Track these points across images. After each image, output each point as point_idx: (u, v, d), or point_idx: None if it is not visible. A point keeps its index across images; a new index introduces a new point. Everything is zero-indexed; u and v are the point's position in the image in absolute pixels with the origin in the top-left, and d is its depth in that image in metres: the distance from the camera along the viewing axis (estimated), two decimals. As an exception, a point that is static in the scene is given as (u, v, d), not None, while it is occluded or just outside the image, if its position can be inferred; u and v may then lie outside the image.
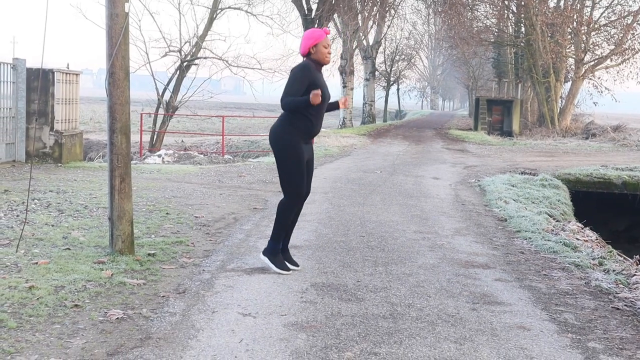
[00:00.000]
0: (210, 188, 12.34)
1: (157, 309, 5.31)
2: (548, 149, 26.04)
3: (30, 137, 14.79)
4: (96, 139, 26.81)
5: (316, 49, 6.55)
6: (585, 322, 5.45)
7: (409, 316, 5.40)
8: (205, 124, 43.34)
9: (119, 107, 6.87)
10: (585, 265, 7.42)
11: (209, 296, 5.72)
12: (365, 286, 6.23)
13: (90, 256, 6.76)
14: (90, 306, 5.27)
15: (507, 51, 42.92)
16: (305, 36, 6.63)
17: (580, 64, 35.60)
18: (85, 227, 8.25)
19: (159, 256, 6.97)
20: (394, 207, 10.93)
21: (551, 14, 34.44)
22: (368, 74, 44.05)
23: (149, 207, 9.92)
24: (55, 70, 15.28)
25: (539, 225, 9.60)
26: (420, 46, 66.81)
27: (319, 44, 6.52)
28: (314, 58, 6.57)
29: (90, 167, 15.09)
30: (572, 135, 33.37)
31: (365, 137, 29.75)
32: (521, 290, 6.33)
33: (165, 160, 19.75)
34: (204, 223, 9.00)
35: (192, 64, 25.22)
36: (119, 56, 6.84)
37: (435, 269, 7.01)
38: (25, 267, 6.26)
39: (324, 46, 6.54)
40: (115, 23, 6.84)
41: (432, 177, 15.27)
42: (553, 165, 18.51)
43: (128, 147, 6.95)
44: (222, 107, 49.58)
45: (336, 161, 18.78)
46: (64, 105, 15.62)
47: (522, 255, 7.89)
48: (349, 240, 8.25)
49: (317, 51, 6.56)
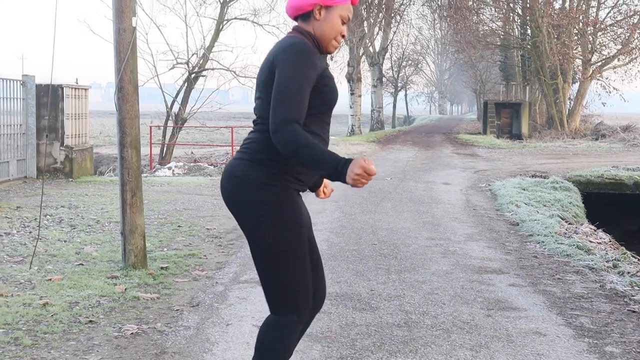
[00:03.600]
0: (221, 199, 12.33)
1: (171, 323, 5.31)
2: (558, 151, 25.96)
3: (40, 153, 14.84)
4: (106, 153, 26.87)
5: (327, 13, 3.33)
6: (602, 326, 5.42)
7: (424, 324, 5.38)
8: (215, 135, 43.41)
9: (128, 121, 6.90)
10: (600, 268, 7.38)
11: (222, 309, 5.72)
12: (379, 295, 6.21)
13: (103, 271, 6.78)
14: (104, 322, 5.28)
15: (513, 54, 42.84)
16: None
17: (587, 65, 35.51)
18: (97, 242, 8.26)
19: (172, 269, 6.97)
20: (405, 214, 10.92)
21: (557, 15, 34.37)
22: (375, 80, 44.06)
23: (160, 220, 9.93)
24: (64, 86, 15.34)
25: (551, 228, 9.55)
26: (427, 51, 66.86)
27: (336, 6, 3.32)
28: (313, 30, 3.35)
29: (101, 181, 15.13)
30: (582, 137, 33.25)
31: (374, 144, 29.74)
32: (536, 295, 6.30)
33: (175, 172, 19.78)
34: (216, 235, 9.00)
35: (200, 75, 25.27)
36: (127, 70, 6.86)
37: (448, 275, 6.98)
38: (39, 284, 6.27)
39: (341, 16, 3.35)
40: (123, 38, 6.87)
41: (443, 183, 15.25)
42: (564, 168, 18.45)
43: (138, 161, 6.97)
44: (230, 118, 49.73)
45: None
46: (73, 120, 15.68)
47: (536, 260, 7.86)
48: (361, 248, 8.23)
49: (328, 18, 3.33)
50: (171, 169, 20.14)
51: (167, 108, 24.34)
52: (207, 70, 25.42)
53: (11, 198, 11.97)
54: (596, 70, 35.80)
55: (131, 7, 6.90)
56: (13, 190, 13.08)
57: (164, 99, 24.41)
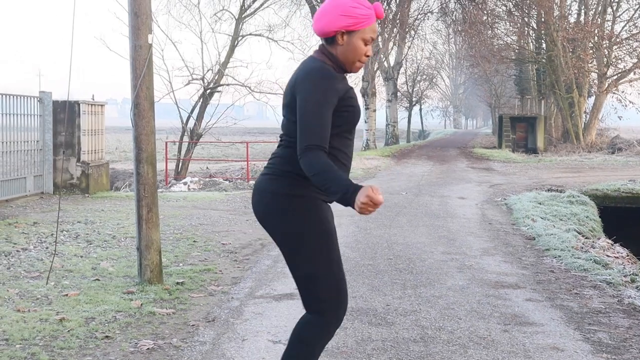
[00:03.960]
0: (236, 214, 12.37)
1: (187, 339, 5.31)
2: (574, 165, 25.84)
3: (57, 169, 14.94)
4: (122, 168, 27.00)
5: (350, 38, 3.39)
6: (620, 341, 5.38)
7: (440, 339, 5.36)
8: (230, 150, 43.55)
9: (144, 137, 6.93)
10: (617, 283, 7.32)
11: (238, 324, 5.71)
12: (394, 310, 6.19)
13: (119, 286, 6.80)
14: (120, 337, 5.29)
15: (528, 68, 42.79)
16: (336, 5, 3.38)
17: (603, 78, 35.41)
18: (113, 257, 8.29)
19: (188, 285, 6.98)
20: (421, 229, 10.89)
21: (572, 29, 34.33)
22: (390, 95, 44.08)
23: (176, 235, 9.96)
24: (81, 102, 15.46)
25: (568, 242, 9.50)
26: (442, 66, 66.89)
27: (359, 30, 3.37)
28: (337, 54, 3.42)
29: (117, 197, 15.20)
30: (598, 150, 33.11)
31: (389, 159, 29.72)
32: (553, 310, 6.26)
33: (191, 187, 19.84)
34: (231, 250, 9.01)
35: (215, 91, 25.39)
36: (143, 87, 6.91)
37: (464, 290, 6.95)
38: (56, 299, 6.30)
39: (364, 39, 3.40)
40: (139, 54, 6.92)
41: (458, 197, 15.21)
42: (580, 181, 18.36)
43: (154, 177, 7.00)
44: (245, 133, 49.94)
45: (361, 184, 18.72)
46: (90, 136, 15.78)
47: (552, 274, 7.81)
48: (376, 263, 8.22)
49: (351, 43, 3.39)
50: (187, 184, 20.21)
51: (183, 123, 24.47)
52: (222, 86, 25.55)
53: (28, 214, 12.04)
54: (612, 84, 35.69)
55: (147, 25, 6.96)
56: (30, 206, 13.16)
57: (180, 115, 24.54)
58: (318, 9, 3.58)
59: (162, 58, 23.89)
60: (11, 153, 13.73)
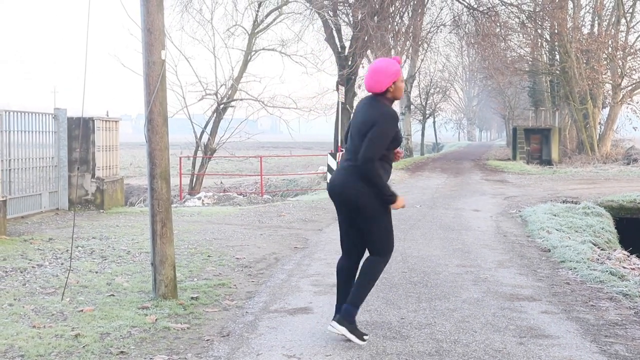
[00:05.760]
0: (250, 229, 12.39)
1: (202, 353, 5.31)
2: (589, 176, 25.72)
3: (72, 185, 15.02)
4: (137, 184, 27.12)
5: (395, 86, 5.46)
6: (637, 354, 5.33)
7: (455, 352, 5.33)
8: (243, 165, 43.66)
9: (158, 152, 6.96)
10: (634, 295, 7.27)
11: (253, 338, 5.71)
12: (409, 323, 6.17)
13: (134, 302, 6.81)
14: (135, 352, 5.30)
15: (542, 79, 42.71)
16: (380, 69, 5.44)
17: (617, 89, 35.28)
18: (128, 272, 8.32)
19: (202, 299, 6.99)
20: (435, 241, 10.86)
21: (585, 40, 34.26)
22: (404, 108, 44.08)
23: (190, 250, 9.98)
24: (95, 119, 15.56)
25: (583, 254, 9.44)
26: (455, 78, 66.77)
27: (397, 80, 5.43)
28: (389, 96, 5.50)
29: (132, 212, 15.26)
30: (613, 162, 32.94)
31: (403, 171, 29.68)
32: (569, 322, 6.22)
33: (205, 202, 19.89)
34: (246, 264, 9.02)
35: (229, 106, 25.49)
36: (156, 102, 6.95)
37: (479, 303, 6.92)
38: (71, 315, 6.32)
39: (401, 81, 5.48)
40: (152, 70, 6.96)
41: (472, 210, 15.16)
42: (595, 193, 18.26)
43: (168, 192, 7.03)
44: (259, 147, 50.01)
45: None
46: (104, 152, 15.87)
47: (568, 286, 7.77)
48: (391, 276, 8.19)
49: (396, 88, 5.49)
50: (201, 199, 20.27)
51: (197, 139, 24.57)
52: (235, 101, 25.65)
53: (43, 230, 12.11)
54: (626, 95, 35.55)
55: (160, 41, 7.00)
56: (45, 222, 13.23)
57: (193, 130, 24.65)
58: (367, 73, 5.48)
59: (175, 74, 24.03)
60: (27, 170, 13.82)
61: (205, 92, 24.78)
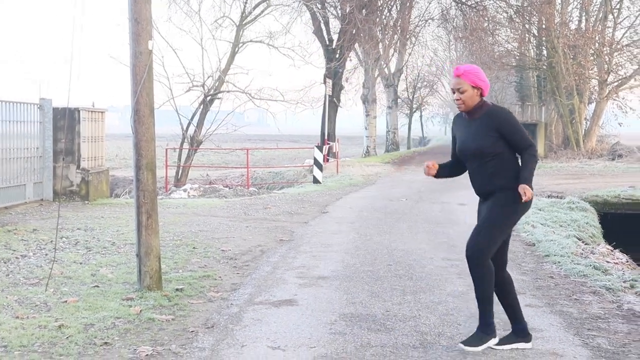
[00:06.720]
0: (236, 221, 12.37)
1: (186, 345, 5.30)
2: (574, 171, 25.84)
3: (57, 176, 14.94)
4: (122, 175, 27.00)
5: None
6: (619, 347, 5.37)
7: (440, 345, 5.35)
8: (230, 157, 43.56)
9: (144, 144, 6.94)
10: (617, 289, 7.32)
11: (237, 330, 5.71)
12: (394, 315, 6.18)
13: (118, 293, 6.79)
14: (119, 343, 5.29)
15: (529, 74, 42.78)
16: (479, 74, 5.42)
17: (603, 85, 35.41)
18: (113, 264, 8.29)
19: (187, 291, 6.98)
20: (421, 235, 10.89)
21: (573, 36, 34.35)
22: (390, 101, 44.10)
23: (175, 242, 9.96)
24: (81, 109, 15.47)
25: (567, 249, 9.50)
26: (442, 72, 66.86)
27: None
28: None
29: (117, 204, 15.21)
30: (598, 157, 33.09)
31: (390, 165, 29.73)
32: (552, 316, 6.26)
33: (190, 194, 19.85)
34: (231, 256, 9.01)
35: (216, 98, 25.40)
36: (143, 93, 6.92)
37: (464, 296, 6.95)
38: (55, 306, 6.29)
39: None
40: (139, 61, 6.93)
41: (458, 204, 15.20)
42: (580, 188, 18.35)
43: (154, 183, 7.00)
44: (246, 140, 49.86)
45: (361, 190, 18.75)
46: (90, 143, 15.79)
47: (552, 280, 7.81)
48: (376, 269, 8.21)
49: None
50: (186, 191, 20.21)
51: (183, 130, 24.48)
52: (222, 93, 25.57)
53: (27, 221, 12.05)
54: (612, 91, 35.69)
55: (148, 31, 6.97)
56: (29, 213, 13.17)
57: (180, 122, 24.54)
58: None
59: (162, 65, 23.89)
60: (11, 160, 13.73)
61: (192, 83, 24.68)
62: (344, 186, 19.72)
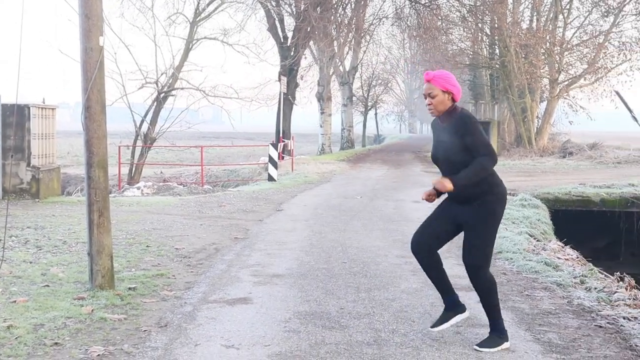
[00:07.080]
0: (190, 219, 12.28)
1: (139, 344, 5.24)
2: (526, 169, 26.20)
3: (6, 173, 14.67)
4: (74, 173, 26.64)
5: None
6: (569, 342, 5.45)
7: (393, 342, 5.38)
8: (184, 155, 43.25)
9: (96, 141, 6.84)
10: (567, 284, 7.43)
11: (191, 329, 5.66)
12: (348, 313, 6.19)
13: (70, 292, 6.69)
14: (70, 344, 5.20)
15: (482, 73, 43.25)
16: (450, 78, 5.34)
17: (554, 84, 35.93)
18: (64, 263, 8.16)
19: (140, 290, 6.90)
20: (376, 232, 10.93)
21: (524, 35, 34.78)
22: (345, 99, 44.23)
23: (128, 240, 9.84)
24: (31, 106, 15.20)
25: (519, 245, 9.62)
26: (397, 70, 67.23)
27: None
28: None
29: (69, 202, 14.98)
30: (550, 155, 33.58)
31: (345, 163, 29.80)
32: (504, 312, 6.31)
33: (144, 192, 19.67)
34: (185, 254, 8.94)
35: (169, 95, 25.21)
36: (94, 90, 6.82)
37: (418, 293, 6.99)
38: (3, 306, 6.17)
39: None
40: (90, 57, 6.83)
41: (413, 201, 15.29)
42: (532, 185, 18.60)
43: (106, 181, 6.91)
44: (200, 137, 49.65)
45: (316, 188, 18.76)
46: (40, 140, 15.53)
47: (504, 276, 7.90)
48: (331, 267, 8.22)
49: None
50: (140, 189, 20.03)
51: (136, 127, 24.23)
52: (176, 90, 25.38)
53: (-24, 219, 11.79)
54: (563, 89, 36.23)
55: (99, 27, 6.87)
56: (-21, 211, 12.89)
57: (133, 119, 24.29)
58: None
59: (115, 61, 23.64)
60: (-41, 157, 13.44)
61: (145, 80, 24.45)
62: (299, 184, 19.71)
